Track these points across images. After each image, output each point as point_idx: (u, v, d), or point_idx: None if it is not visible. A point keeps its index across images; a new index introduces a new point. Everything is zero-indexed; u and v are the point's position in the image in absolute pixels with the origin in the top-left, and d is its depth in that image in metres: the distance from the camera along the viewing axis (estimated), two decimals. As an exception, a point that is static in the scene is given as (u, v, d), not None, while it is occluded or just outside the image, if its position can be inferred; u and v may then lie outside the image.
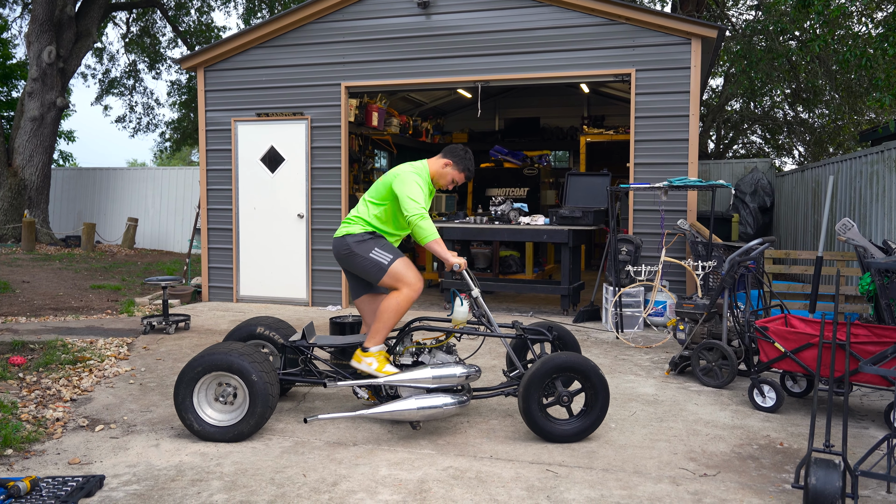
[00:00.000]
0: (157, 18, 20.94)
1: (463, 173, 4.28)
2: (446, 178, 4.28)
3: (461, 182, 4.34)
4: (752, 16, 17.39)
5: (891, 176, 6.76)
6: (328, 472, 3.56)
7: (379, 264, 4.06)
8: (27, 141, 14.79)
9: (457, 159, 4.27)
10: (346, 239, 4.13)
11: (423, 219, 4.04)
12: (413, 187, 4.09)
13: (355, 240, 4.12)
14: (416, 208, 4.04)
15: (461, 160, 4.27)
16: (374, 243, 4.10)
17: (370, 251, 4.08)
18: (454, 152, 4.28)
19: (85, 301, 8.66)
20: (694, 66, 7.51)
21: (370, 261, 4.07)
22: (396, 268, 4.07)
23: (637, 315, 7.20)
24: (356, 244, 4.09)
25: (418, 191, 4.09)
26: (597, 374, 3.92)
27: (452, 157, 4.29)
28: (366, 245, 4.07)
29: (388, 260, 4.06)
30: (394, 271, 4.07)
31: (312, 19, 8.70)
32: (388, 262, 4.07)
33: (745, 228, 11.89)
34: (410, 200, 4.05)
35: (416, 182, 4.12)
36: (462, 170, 4.28)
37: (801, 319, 4.88)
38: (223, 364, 3.92)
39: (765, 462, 3.72)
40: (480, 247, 10.14)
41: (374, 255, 4.07)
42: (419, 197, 4.09)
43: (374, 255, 4.07)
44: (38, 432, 4.08)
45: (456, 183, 4.34)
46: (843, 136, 16.35)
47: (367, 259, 4.08)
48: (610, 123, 13.40)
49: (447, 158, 4.30)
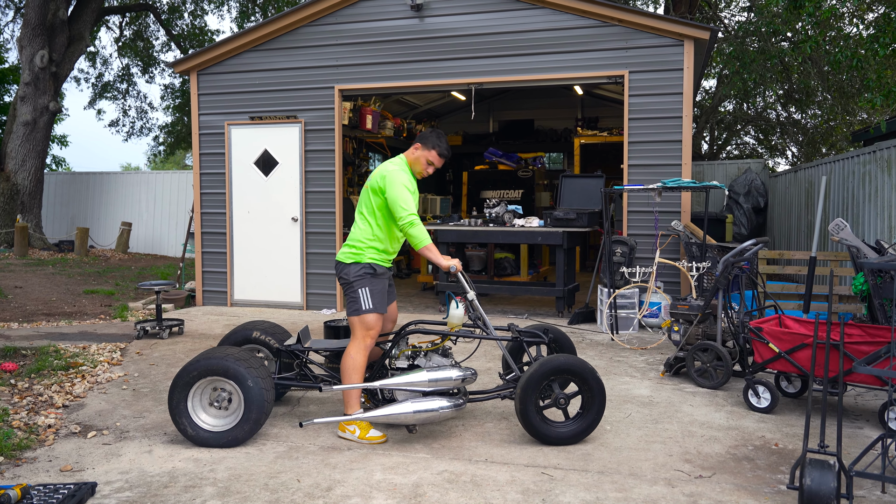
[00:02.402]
0: (150, 22, 20.88)
1: (433, 150, 4.23)
2: (421, 163, 4.25)
3: (438, 163, 4.27)
4: (745, 17, 17.45)
5: (883, 176, 6.78)
6: (323, 477, 3.54)
7: (358, 304, 4.11)
8: (20, 145, 14.72)
9: (425, 141, 4.26)
10: (349, 268, 4.18)
11: (414, 226, 4.05)
12: (401, 191, 4.08)
13: (356, 272, 4.16)
14: (407, 215, 4.05)
15: (428, 140, 4.24)
16: (368, 283, 4.14)
17: (362, 288, 4.13)
18: (423, 136, 4.31)
19: (78, 306, 8.62)
20: (687, 68, 7.52)
21: (358, 295, 4.13)
22: (367, 318, 4.11)
23: (632, 316, 7.20)
24: (356, 279, 4.15)
25: (406, 194, 4.09)
26: (594, 376, 3.91)
27: (421, 140, 4.28)
28: (362, 281, 4.14)
29: (366, 307, 4.10)
30: (364, 320, 4.11)
31: (306, 22, 8.69)
32: (366, 310, 4.10)
33: (738, 229, 11.92)
34: (400, 207, 4.06)
35: (402, 184, 4.11)
36: (431, 147, 4.23)
37: (796, 320, 4.89)
38: (219, 369, 3.90)
39: (760, 463, 3.72)
40: (475, 249, 10.13)
41: (362, 293, 4.12)
42: (408, 201, 4.08)
43: (363, 294, 4.12)
44: (29, 439, 4.05)
45: (433, 165, 4.26)
46: (836, 136, 16.40)
47: (356, 293, 4.13)
48: (604, 125, 13.42)
49: (417, 143, 4.30)
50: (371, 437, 4.05)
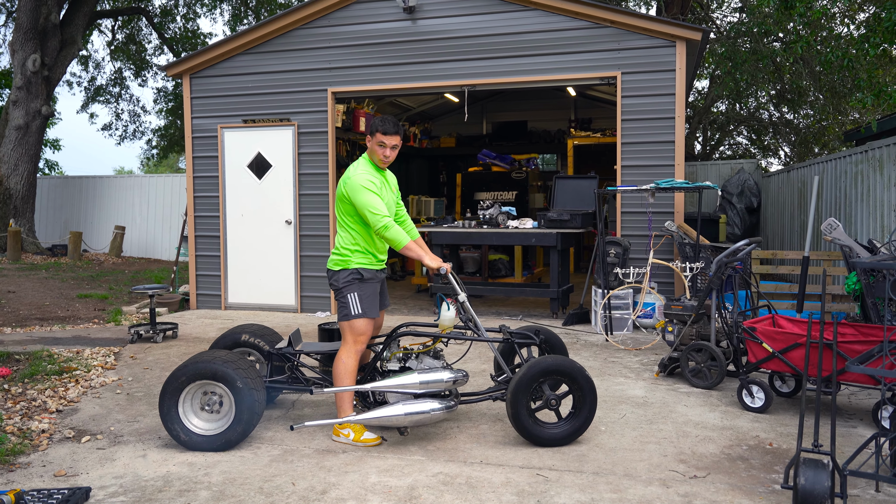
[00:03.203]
0: (142, 26, 20.83)
1: (376, 133, 4.15)
2: (376, 152, 4.20)
3: (389, 142, 4.16)
4: (736, 18, 17.52)
5: (875, 175, 6.81)
6: (317, 480, 3.53)
7: (348, 309, 4.12)
8: (12, 150, 14.67)
9: (369, 130, 4.23)
10: (338, 274, 4.18)
11: (388, 229, 4.02)
12: (365, 196, 4.04)
13: (344, 278, 4.16)
14: (378, 220, 4.02)
15: (371, 126, 4.20)
16: (357, 288, 4.14)
17: (351, 293, 4.13)
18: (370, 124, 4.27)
19: (71, 310, 8.58)
20: (679, 69, 7.55)
21: (347, 300, 4.13)
22: (356, 323, 4.12)
23: (626, 317, 7.21)
24: (345, 285, 4.15)
25: (371, 197, 4.04)
26: (583, 375, 3.92)
27: (368, 132, 4.26)
28: (351, 287, 4.15)
29: (355, 312, 4.10)
30: (353, 325, 4.11)
31: (298, 25, 8.68)
32: (356, 314, 4.11)
33: (732, 229, 11.95)
34: (370, 213, 4.03)
35: (364, 187, 4.05)
36: (374, 131, 4.16)
37: (789, 319, 4.91)
38: (207, 372, 3.89)
39: (754, 463, 3.72)
40: (469, 251, 10.14)
41: (351, 298, 4.12)
42: (376, 204, 4.04)
43: (352, 299, 4.12)
44: (23, 444, 4.03)
45: (385, 146, 4.17)
46: (828, 136, 16.48)
47: (345, 298, 4.14)
48: (597, 126, 13.44)
49: (367, 134, 4.28)
50: (366, 440, 4.04)
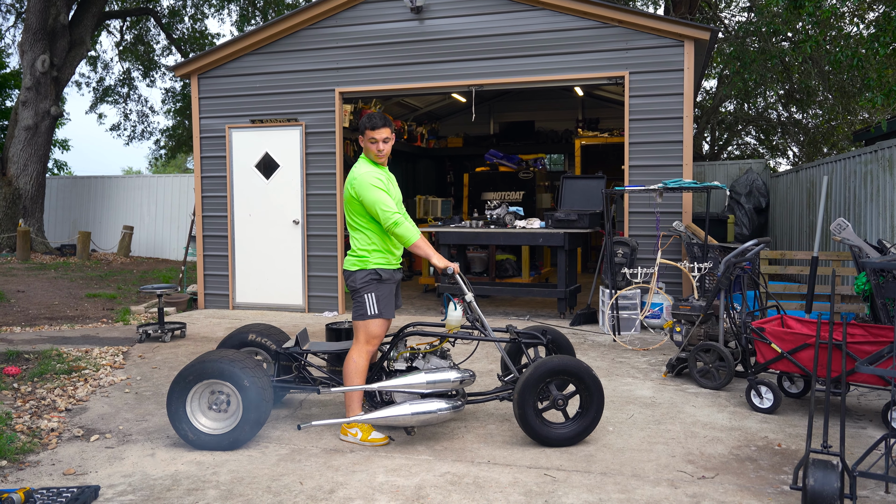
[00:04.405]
0: (150, 26, 20.90)
1: (366, 130, 4.15)
2: (370, 150, 4.19)
3: (380, 136, 4.14)
4: (745, 17, 17.45)
5: (885, 175, 6.77)
6: (325, 480, 3.54)
7: (364, 308, 4.11)
8: (21, 150, 14.75)
9: (360, 127, 4.23)
10: (356, 275, 4.17)
11: (399, 225, 4.02)
12: (374, 192, 4.04)
13: (362, 279, 4.15)
14: (389, 216, 4.01)
15: (360, 126, 4.21)
16: (374, 288, 4.14)
17: (368, 293, 4.13)
18: (359, 125, 4.28)
19: (80, 310, 8.63)
20: (687, 68, 7.52)
21: (364, 300, 4.13)
22: (372, 324, 4.11)
23: (634, 317, 7.19)
24: (363, 285, 4.15)
25: (380, 194, 4.05)
26: (590, 375, 3.91)
27: (359, 130, 4.26)
28: (368, 287, 4.14)
29: (371, 313, 4.10)
30: (368, 324, 4.11)
31: (306, 25, 8.70)
32: (371, 315, 4.10)
33: (740, 229, 11.91)
34: (381, 210, 4.03)
35: (372, 184, 4.06)
36: (364, 129, 4.17)
37: (798, 320, 4.88)
38: (214, 371, 3.90)
39: (763, 463, 3.71)
40: (476, 251, 10.13)
41: (368, 298, 4.12)
42: (385, 201, 4.04)
43: (369, 299, 4.12)
44: (32, 443, 4.05)
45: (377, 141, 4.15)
46: (837, 136, 16.39)
47: (362, 298, 4.13)
48: (604, 126, 13.42)
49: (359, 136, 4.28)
50: (373, 440, 4.05)
